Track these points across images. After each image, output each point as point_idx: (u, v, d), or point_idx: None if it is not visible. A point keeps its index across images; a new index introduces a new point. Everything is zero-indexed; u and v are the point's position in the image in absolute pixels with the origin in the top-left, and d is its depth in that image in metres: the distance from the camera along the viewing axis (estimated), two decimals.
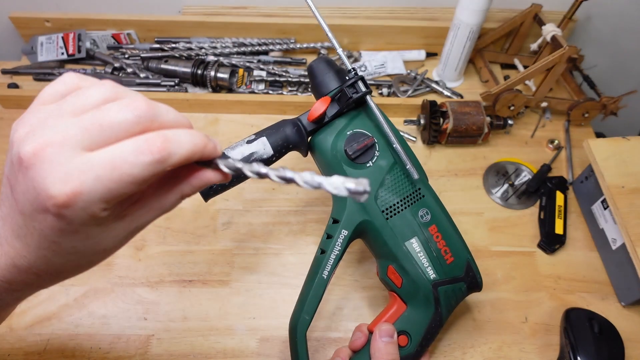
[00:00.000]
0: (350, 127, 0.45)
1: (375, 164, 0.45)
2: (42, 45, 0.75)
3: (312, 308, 0.44)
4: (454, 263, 0.45)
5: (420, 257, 0.45)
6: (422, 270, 0.45)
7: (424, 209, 0.45)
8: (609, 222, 0.58)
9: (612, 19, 0.79)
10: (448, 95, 0.74)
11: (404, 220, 0.45)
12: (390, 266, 0.45)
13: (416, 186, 0.46)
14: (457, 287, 0.46)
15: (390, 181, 0.45)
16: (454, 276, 0.45)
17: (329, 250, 0.44)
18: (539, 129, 0.73)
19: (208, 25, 0.76)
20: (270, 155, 0.45)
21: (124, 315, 0.53)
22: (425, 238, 0.45)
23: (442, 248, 0.45)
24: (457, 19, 0.68)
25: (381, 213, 0.44)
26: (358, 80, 0.45)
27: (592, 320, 0.52)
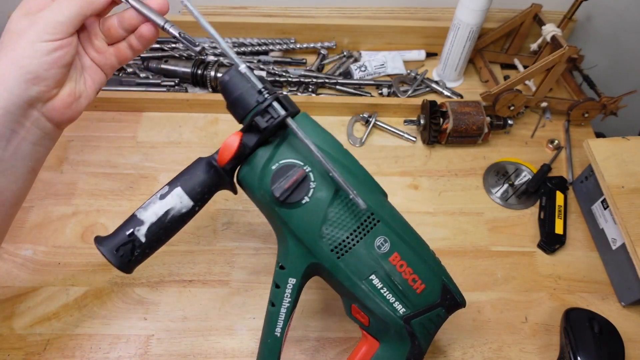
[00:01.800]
0: (276, 158, 0.37)
1: (313, 198, 0.37)
2: None
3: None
4: (427, 291, 0.39)
5: (384, 293, 0.38)
6: (389, 307, 0.38)
7: (381, 237, 0.38)
8: (609, 222, 0.58)
9: (612, 19, 0.79)
10: (448, 95, 0.74)
11: (357, 256, 0.38)
12: (353, 305, 0.40)
13: (367, 213, 0.38)
14: (434, 315, 0.40)
15: (335, 214, 0.37)
16: (428, 305, 0.39)
17: (278, 303, 0.39)
18: (539, 129, 0.73)
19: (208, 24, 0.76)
20: (191, 207, 0.38)
21: (124, 315, 0.53)
22: (386, 272, 0.38)
23: (409, 277, 0.38)
24: (457, 19, 0.68)
25: (330, 253, 0.38)
26: (272, 102, 0.36)
27: (592, 320, 0.52)
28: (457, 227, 0.62)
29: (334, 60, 0.79)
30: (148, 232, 0.38)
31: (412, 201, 0.65)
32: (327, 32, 0.77)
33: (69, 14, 0.37)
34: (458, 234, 0.62)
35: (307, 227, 0.37)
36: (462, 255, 0.60)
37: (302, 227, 0.37)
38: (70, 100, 0.40)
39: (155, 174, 0.65)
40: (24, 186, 0.41)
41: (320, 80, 0.74)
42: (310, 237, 0.37)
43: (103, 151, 0.67)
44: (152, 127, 0.70)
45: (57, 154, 0.67)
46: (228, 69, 0.40)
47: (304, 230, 0.37)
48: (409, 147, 0.70)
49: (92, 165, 0.66)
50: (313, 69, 0.76)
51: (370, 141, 0.71)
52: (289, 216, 0.38)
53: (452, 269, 0.58)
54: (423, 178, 0.67)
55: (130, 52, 0.42)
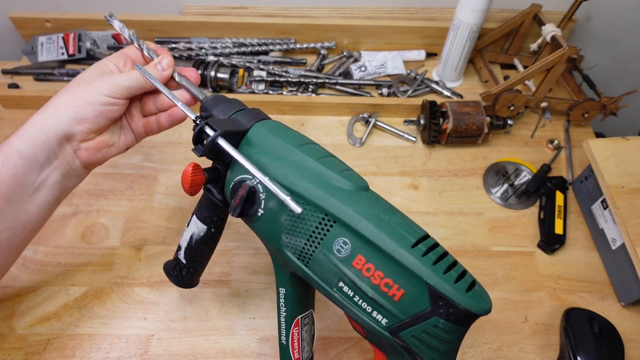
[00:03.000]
0: (233, 176, 0.38)
1: (266, 209, 0.36)
2: (42, 46, 0.75)
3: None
4: (407, 297, 0.32)
5: (357, 301, 0.34)
6: (368, 317, 0.34)
7: (339, 239, 0.34)
8: (608, 222, 0.58)
9: (611, 19, 0.79)
10: (448, 96, 0.74)
11: (319, 263, 0.34)
12: (346, 314, 0.36)
13: (320, 215, 0.34)
14: (428, 326, 0.32)
15: (289, 222, 0.35)
16: (415, 314, 0.32)
17: (278, 313, 0.40)
18: (539, 129, 0.73)
19: (208, 25, 0.76)
20: (205, 231, 0.43)
21: (124, 315, 0.53)
22: (350, 278, 0.33)
23: (380, 282, 0.32)
24: (457, 19, 0.68)
25: (297, 260, 0.36)
26: (201, 128, 0.37)
27: (592, 320, 0.52)
28: (457, 227, 0.62)
29: (334, 60, 0.79)
30: (185, 254, 0.45)
31: (412, 201, 0.65)
32: (327, 32, 0.77)
33: (132, 83, 0.43)
34: (458, 234, 0.62)
35: (271, 237, 0.37)
36: (462, 255, 0.60)
37: (268, 237, 0.37)
38: (102, 146, 0.45)
39: (155, 174, 0.65)
40: (47, 213, 0.45)
41: (320, 80, 0.74)
42: (277, 246, 0.36)
43: None
44: None
45: None
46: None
47: (270, 240, 0.37)
48: (409, 147, 0.70)
49: None
50: (313, 69, 0.76)
51: (370, 141, 0.71)
52: (256, 229, 0.38)
53: None
54: (423, 178, 0.67)
55: (157, 127, 0.48)
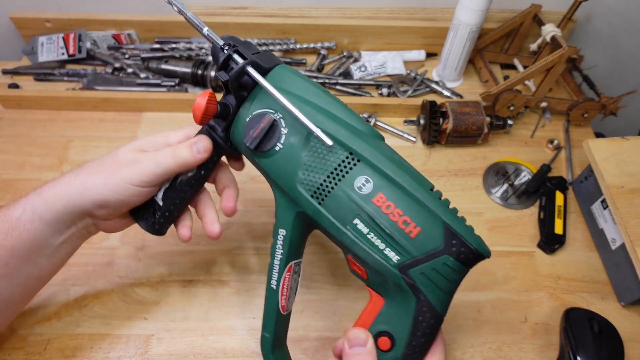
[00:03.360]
0: (250, 111, 0.38)
1: (286, 144, 0.37)
2: (42, 46, 0.75)
3: (270, 322, 0.40)
4: (423, 235, 0.34)
5: (371, 239, 0.35)
6: (380, 255, 0.35)
7: (362, 177, 0.35)
8: (608, 222, 0.58)
9: (611, 19, 0.79)
10: (448, 96, 0.75)
11: (337, 200, 0.35)
12: (349, 256, 0.37)
13: (345, 153, 0.35)
14: (438, 264, 0.34)
15: (310, 158, 0.36)
16: (429, 251, 0.34)
17: (272, 256, 0.39)
18: (539, 129, 0.73)
19: (208, 25, 0.75)
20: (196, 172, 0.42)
21: (124, 315, 0.53)
22: (369, 215, 0.34)
23: (399, 220, 0.34)
24: (457, 19, 0.68)
25: (311, 199, 0.36)
26: (231, 54, 0.37)
27: (592, 320, 0.52)
28: None
29: (334, 60, 0.79)
30: (164, 196, 0.42)
31: None
32: (327, 32, 0.77)
33: (164, 169, 0.41)
34: None
35: (285, 174, 0.37)
36: None
37: (280, 174, 0.37)
38: (122, 225, 0.46)
39: None
40: (59, 267, 0.46)
41: (320, 80, 0.74)
42: (289, 183, 0.37)
43: (103, 151, 0.67)
44: (152, 127, 0.70)
45: (57, 154, 0.67)
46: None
47: (283, 177, 0.37)
48: (408, 147, 0.70)
49: None
50: (313, 69, 0.77)
51: None
52: (267, 165, 0.38)
53: None
54: None
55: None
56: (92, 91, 0.71)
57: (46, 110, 0.71)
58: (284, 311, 0.41)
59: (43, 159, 0.66)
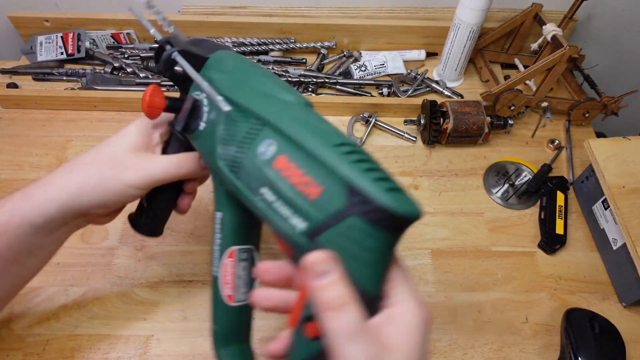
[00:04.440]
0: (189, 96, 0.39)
1: (208, 122, 0.37)
2: (41, 45, 0.75)
3: (216, 314, 0.39)
4: (325, 194, 0.28)
5: (277, 207, 0.30)
6: (286, 225, 0.30)
7: (265, 141, 0.31)
8: (609, 222, 0.58)
9: (612, 18, 0.79)
10: (448, 95, 0.74)
11: (246, 170, 0.32)
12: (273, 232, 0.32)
13: (252, 120, 0.33)
14: (344, 227, 0.27)
15: (223, 130, 0.35)
16: (333, 213, 0.28)
17: (212, 242, 0.38)
18: (540, 129, 0.73)
19: (208, 25, 0.76)
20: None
21: (124, 315, 0.53)
22: (269, 180, 0.30)
23: (299, 181, 0.29)
24: (458, 19, 0.68)
25: (230, 173, 0.34)
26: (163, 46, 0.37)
27: (593, 320, 0.52)
28: (457, 227, 0.62)
29: (334, 60, 0.79)
30: (147, 197, 0.43)
31: None
32: (327, 31, 0.77)
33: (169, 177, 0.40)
34: (458, 234, 0.61)
35: (208, 151, 0.36)
36: (463, 256, 0.60)
37: (206, 152, 0.37)
38: (113, 217, 0.45)
39: None
40: (46, 261, 0.45)
41: (320, 80, 0.74)
42: (212, 160, 0.35)
43: None
44: None
45: (57, 154, 0.67)
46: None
47: (208, 155, 0.36)
48: (409, 147, 0.70)
49: None
50: (313, 69, 0.76)
51: (371, 141, 0.71)
52: (198, 146, 0.38)
53: (453, 269, 0.58)
54: (423, 178, 0.67)
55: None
56: (91, 91, 0.71)
57: (45, 109, 0.71)
58: (230, 301, 0.38)
59: (42, 159, 0.66)
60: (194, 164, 0.41)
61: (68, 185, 0.39)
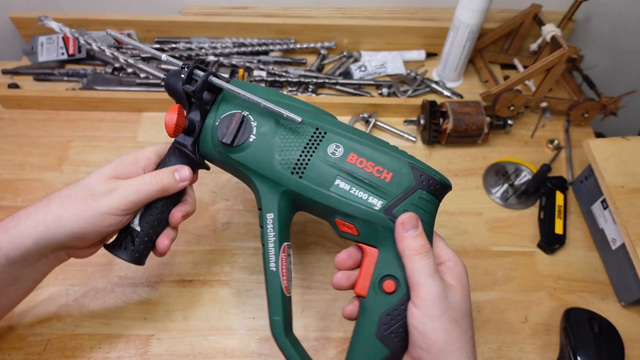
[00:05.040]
0: (218, 116, 0.43)
1: (258, 135, 0.42)
2: (42, 46, 0.75)
3: (277, 305, 0.41)
4: (395, 177, 0.40)
5: (353, 193, 0.40)
6: (365, 205, 0.40)
7: (332, 144, 0.41)
8: (608, 222, 0.58)
9: (611, 19, 0.79)
10: (448, 96, 0.74)
11: (316, 168, 0.41)
12: (337, 219, 0.41)
13: (311, 129, 0.41)
14: (415, 199, 0.40)
15: (282, 141, 0.41)
16: (404, 190, 0.40)
17: (265, 241, 0.42)
18: (539, 129, 0.73)
19: (208, 25, 0.76)
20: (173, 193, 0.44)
21: (124, 315, 0.53)
22: (348, 171, 0.40)
23: (373, 170, 0.40)
24: (457, 19, 0.68)
25: (291, 176, 0.41)
26: (192, 70, 0.41)
27: (592, 320, 0.52)
28: (456, 227, 0.62)
29: (334, 60, 0.79)
30: (140, 220, 0.43)
31: None
32: (327, 32, 0.77)
33: (144, 196, 0.41)
34: (458, 234, 0.62)
35: (263, 160, 0.41)
36: (462, 256, 0.59)
37: (259, 161, 0.42)
38: (94, 250, 0.45)
39: None
40: (28, 292, 0.45)
41: (320, 80, 0.74)
42: (269, 168, 0.41)
43: (103, 151, 0.67)
44: (152, 127, 0.70)
45: (57, 154, 0.67)
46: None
47: (261, 164, 0.42)
48: (409, 147, 0.70)
49: (92, 165, 0.66)
50: (313, 69, 0.76)
51: None
52: (245, 158, 0.42)
53: None
54: None
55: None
56: (92, 91, 0.71)
57: (46, 110, 0.71)
58: (287, 292, 0.42)
59: (43, 159, 0.66)
60: (167, 177, 0.42)
61: (43, 219, 0.39)
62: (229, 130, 0.41)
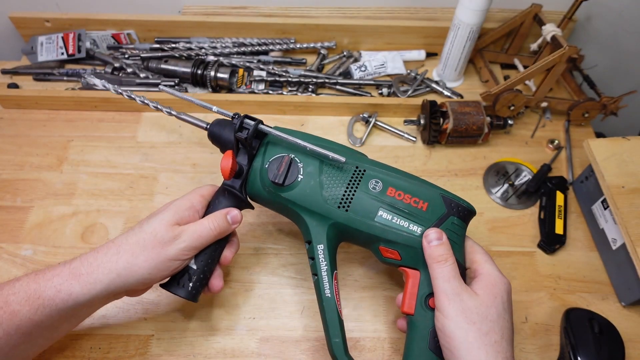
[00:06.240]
0: (265, 159, 0.47)
1: (305, 174, 0.46)
2: (42, 45, 0.75)
3: (336, 328, 0.45)
4: (431, 206, 0.45)
5: (396, 222, 0.45)
6: (407, 232, 0.45)
7: (372, 180, 0.46)
8: (609, 222, 0.58)
9: (612, 19, 0.79)
10: (448, 95, 0.74)
11: (361, 202, 0.45)
12: (380, 247, 0.46)
13: (352, 168, 0.46)
14: (448, 224, 0.45)
15: (327, 179, 0.46)
16: (439, 217, 0.45)
17: (318, 271, 0.46)
18: (539, 129, 0.73)
19: (208, 25, 0.76)
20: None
21: (124, 315, 0.53)
22: (389, 203, 0.45)
23: (410, 201, 0.45)
24: (457, 19, 0.68)
25: (338, 210, 0.45)
26: (242, 119, 0.46)
27: (592, 320, 0.52)
28: None
29: (334, 60, 0.79)
30: (196, 259, 0.46)
31: None
32: (327, 32, 0.77)
33: (205, 241, 0.44)
34: None
35: (312, 197, 0.46)
36: None
37: (308, 199, 0.46)
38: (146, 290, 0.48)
39: (155, 174, 0.65)
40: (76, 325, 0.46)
41: (320, 80, 0.74)
42: (317, 203, 0.46)
43: (103, 151, 0.67)
44: (152, 127, 0.70)
45: (57, 153, 0.67)
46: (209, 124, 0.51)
47: (310, 201, 0.46)
48: (409, 147, 0.70)
49: (92, 165, 0.66)
50: (313, 69, 0.76)
51: (370, 141, 0.71)
52: (294, 196, 0.46)
53: None
54: (423, 178, 0.67)
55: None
56: (92, 91, 0.71)
57: (46, 110, 0.71)
58: (342, 316, 0.46)
59: (42, 159, 0.66)
60: (222, 221, 0.45)
61: (115, 267, 0.41)
62: (280, 171, 0.45)
